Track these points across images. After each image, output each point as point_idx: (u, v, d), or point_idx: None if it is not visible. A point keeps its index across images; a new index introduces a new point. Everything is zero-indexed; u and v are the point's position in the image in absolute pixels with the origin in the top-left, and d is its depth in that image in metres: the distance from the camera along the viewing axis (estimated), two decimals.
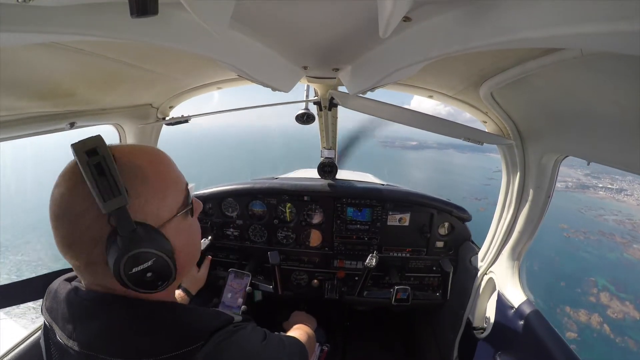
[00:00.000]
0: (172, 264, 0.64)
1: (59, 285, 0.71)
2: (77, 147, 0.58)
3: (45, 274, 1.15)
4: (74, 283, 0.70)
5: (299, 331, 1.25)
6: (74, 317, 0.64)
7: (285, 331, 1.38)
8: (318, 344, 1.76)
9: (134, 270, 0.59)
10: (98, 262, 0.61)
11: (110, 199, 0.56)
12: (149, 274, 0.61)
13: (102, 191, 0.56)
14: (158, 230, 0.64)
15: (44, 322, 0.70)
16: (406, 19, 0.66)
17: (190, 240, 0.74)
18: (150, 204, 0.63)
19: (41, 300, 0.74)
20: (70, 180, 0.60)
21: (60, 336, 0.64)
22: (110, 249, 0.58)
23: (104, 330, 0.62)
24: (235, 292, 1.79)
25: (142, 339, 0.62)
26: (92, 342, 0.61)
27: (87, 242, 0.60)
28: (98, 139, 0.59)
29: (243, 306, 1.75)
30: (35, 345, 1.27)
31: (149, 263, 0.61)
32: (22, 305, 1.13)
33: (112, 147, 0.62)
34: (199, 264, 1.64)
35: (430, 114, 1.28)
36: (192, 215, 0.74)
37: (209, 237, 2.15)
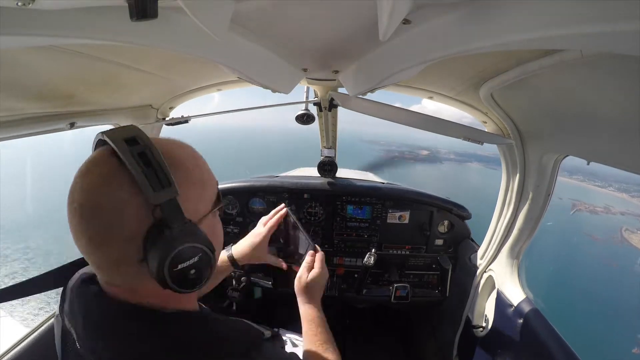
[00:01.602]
0: (214, 261, 0.61)
1: (78, 288, 0.66)
2: (112, 135, 0.54)
3: (59, 267, 1.14)
4: (93, 288, 0.64)
5: (325, 346, 1.05)
6: (96, 331, 0.60)
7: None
8: None
9: (179, 267, 0.55)
10: (130, 260, 0.56)
11: (159, 190, 0.52)
12: (192, 271, 0.57)
13: (151, 181, 0.52)
14: (197, 225, 0.60)
15: (63, 324, 0.66)
16: (405, 21, 0.66)
17: (219, 239, 0.72)
18: (190, 198, 0.60)
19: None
20: (105, 168, 0.54)
21: (81, 346, 0.61)
22: (154, 244, 0.54)
23: (125, 351, 0.58)
24: (297, 234, 1.46)
25: (173, 355, 0.58)
26: (117, 356, 0.58)
27: (124, 237, 0.54)
28: (135, 128, 0.57)
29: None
30: (36, 343, 1.27)
31: (195, 259, 0.57)
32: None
33: (149, 138, 0.58)
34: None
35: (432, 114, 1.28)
36: (221, 213, 0.72)
37: None
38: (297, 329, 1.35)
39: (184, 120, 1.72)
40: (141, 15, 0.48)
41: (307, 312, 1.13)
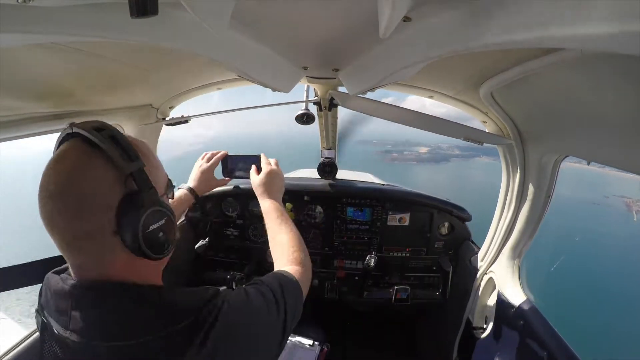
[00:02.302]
0: (176, 227, 0.69)
1: (49, 280, 0.70)
2: (83, 125, 0.63)
3: (45, 259, 1.14)
4: (62, 275, 0.69)
5: (289, 251, 1.08)
6: (68, 308, 0.64)
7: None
8: (318, 343, 1.76)
9: (150, 228, 0.64)
10: (105, 231, 0.62)
11: (129, 162, 0.62)
12: (160, 234, 0.66)
13: (124, 156, 0.62)
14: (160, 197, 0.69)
15: (42, 319, 0.70)
16: (406, 19, 0.66)
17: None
18: (151, 174, 0.68)
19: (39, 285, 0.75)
20: (79, 152, 0.62)
21: (57, 329, 0.65)
22: (128, 211, 0.62)
23: (97, 318, 0.63)
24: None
25: (133, 321, 0.63)
26: (87, 330, 0.62)
27: (99, 208, 0.61)
28: (98, 121, 0.66)
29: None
30: (35, 344, 1.27)
31: (162, 222, 0.66)
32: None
33: None
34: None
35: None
36: (172, 197, 0.81)
37: (207, 239, 2.14)
38: (296, 331, 1.35)
39: (184, 120, 1.72)
40: (141, 12, 0.48)
41: (264, 205, 1.28)
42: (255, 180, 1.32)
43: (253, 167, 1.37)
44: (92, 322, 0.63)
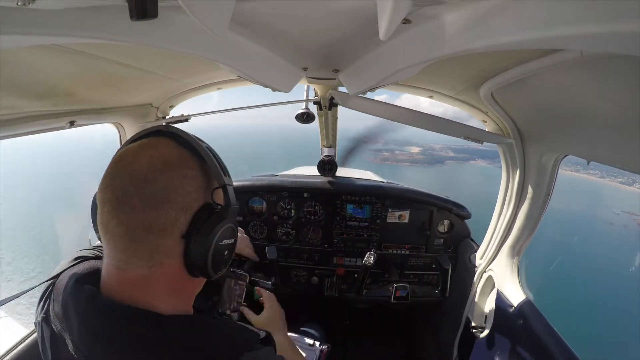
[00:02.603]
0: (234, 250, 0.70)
1: (71, 291, 0.63)
2: (178, 131, 0.64)
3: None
4: (88, 288, 0.62)
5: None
6: (92, 335, 0.58)
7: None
8: (318, 343, 1.76)
9: (224, 242, 0.63)
10: (175, 231, 0.59)
11: (224, 176, 0.64)
12: (226, 252, 0.65)
13: (218, 167, 0.63)
14: None
15: (52, 328, 0.63)
16: (406, 21, 0.66)
17: None
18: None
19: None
20: (173, 148, 0.61)
21: (74, 350, 0.59)
22: (207, 218, 0.60)
23: (123, 355, 0.57)
24: (233, 293, 1.78)
25: None
26: None
27: (182, 207, 0.59)
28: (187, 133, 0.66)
29: (243, 303, 1.74)
30: (35, 344, 1.28)
31: (232, 240, 0.67)
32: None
33: None
34: None
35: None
36: None
37: None
38: (296, 330, 1.37)
39: (184, 119, 1.72)
40: (141, 15, 0.48)
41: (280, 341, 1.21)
42: (257, 320, 1.33)
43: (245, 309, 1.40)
44: (120, 356, 0.57)
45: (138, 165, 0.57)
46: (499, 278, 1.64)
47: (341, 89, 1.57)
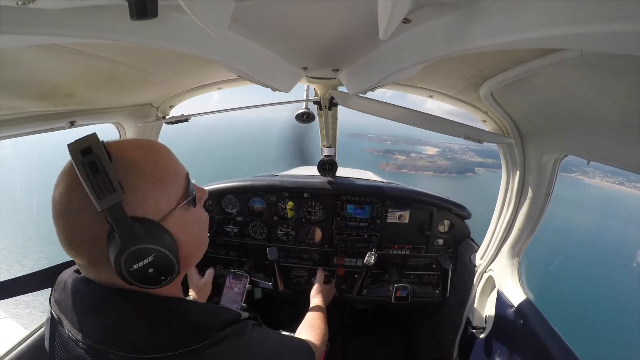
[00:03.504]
0: (174, 258, 0.62)
1: (69, 277, 0.69)
2: (72, 146, 0.57)
3: (54, 265, 1.15)
4: (82, 275, 0.68)
5: (313, 333, 1.24)
6: (84, 310, 0.64)
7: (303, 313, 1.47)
8: None
9: (134, 267, 0.58)
10: (101, 260, 0.60)
11: (105, 196, 0.55)
12: (150, 270, 0.60)
13: (97, 189, 0.55)
14: (159, 224, 0.63)
15: (51, 313, 0.69)
16: (406, 20, 0.66)
17: (195, 230, 0.73)
18: (149, 197, 0.62)
19: (49, 290, 0.73)
20: (67, 179, 0.60)
21: (68, 329, 0.64)
22: (110, 246, 0.58)
23: (112, 326, 0.62)
24: (234, 294, 1.80)
25: (149, 336, 0.61)
26: (101, 336, 0.61)
27: (89, 240, 0.60)
28: (92, 137, 0.58)
29: (243, 304, 1.76)
30: (36, 344, 1.28)
31: (150, 259, 0.60)
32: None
33: (108, 144, 0.62)
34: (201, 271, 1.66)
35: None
36: (194, 205, 0.73)
37: (207, 235, 2.15)
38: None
39: (184, 119, 1.72)
40: (141, 15, 0.48)
41: (314, 301, 1.59)
42: (316, 287, 1.74)
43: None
44: (109, 329, 0.62)
45: (53, 211, 0.60)
46: (499, 278, 1.64)
47: (341, 88, 1.57)
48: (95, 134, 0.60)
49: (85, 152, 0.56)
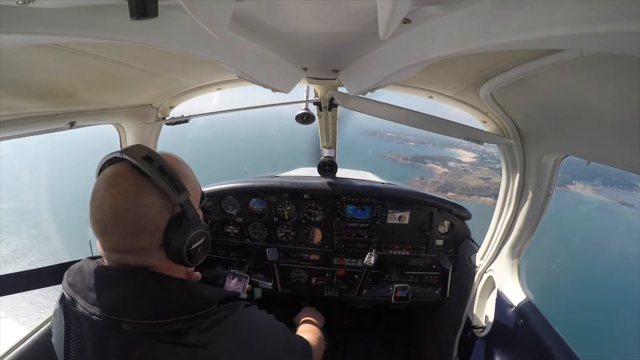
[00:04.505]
0: (210, 240, 0.83)
1: (84, 263, 0.79)
2: (131, 154, 0.70)
3: (62, 263, 1.17)
4: (99, 260, 0.79)
5: (308, 334, 1.25)
6: (100, 286, 0.72)
7: (295, 326, 1.44)
8: None
9: (193, 246, 0.76)
10: (153, 245, 0.72)
11: (178, 193, 0.72)
12: (199, 250, 0.79)
13: (173, 188, 0.71)
14: (198, 216, 0.79)
15: (65, 296, 0.76)
16: (406, 20, 0.66)
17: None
18: (191, 198, 0.77)
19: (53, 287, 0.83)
20: (132, 179, 0.70)
21: (83, 305, 0.71)
22: (175, 232, 0.72)
23: (127, 296, 0.70)
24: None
25: (161, 304, 0.71)
26: (115, 306, 0.69)
27: (151, 228, 0.71)
28: (145, 147, 0.74)
29: (245, 294, 1.76)
30: (36, 344, 1.27)
31: (202, 240, 0.79)
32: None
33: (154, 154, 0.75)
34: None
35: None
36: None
37: None
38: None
39: (183, 120, 1.72)
40: (142, 14, 0.48)
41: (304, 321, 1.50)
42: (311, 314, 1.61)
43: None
44: (122, 299, 0.70)
45: (107, 207, 0.68)
46: (499, 278, 1.64)
47: (341, 89, 1.57)
48: (142, 145, 0.76)
49: (147, 159, 0.71)
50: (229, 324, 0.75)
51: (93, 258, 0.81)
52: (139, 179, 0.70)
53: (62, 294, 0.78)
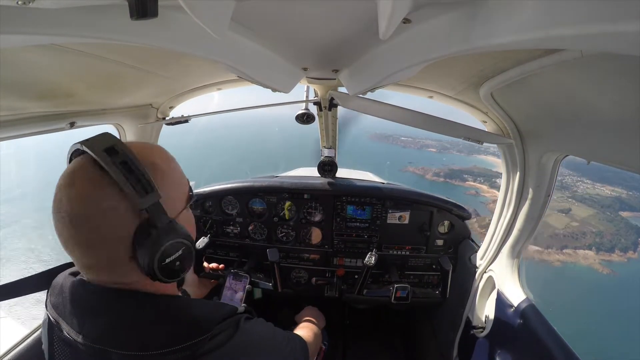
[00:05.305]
0: (194, 252, 0.68)
1: (64, 280, 0.69)
2: (91, 145, 0.57)
3: (50, 269, 1.16)
4: (79, 277, 0.68)
5: (305, 330, 1.25)
6: (83, 312, 0.64)
7: (296, 324, 1.42)
8: None
9: (167, 260, 0.62)
10: (120, 259, 0.61)
11: (144, 195, 0.57)
12: (177, 263, 0.64)
13: (138, 189, 0.57)
14: (177, 221, 0.66)
15: (48, 317, 0.68)
16: (406, 20, 0.66)
17: (192, 228, 0.77)
18: (170, 197, 0.65)
19: (45, 292, 0.74)
20: (89, 177, 0.58)
21: (67, 331, 0.64)
22: (142, 243, 0.59)
23: (113, 325, 0.62)
24: (234, 293, 1.80)
25: (149, 333, 0.62)
26: (101, 336, 0.61)
27: (113, 239, 0.59)
28: (111, 136, 0.60)
29: (243, 304, 1.76)
30: (35, 344, 1.27)
31: (179, 252, 0.64)
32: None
33: (124, 145, 0.62)
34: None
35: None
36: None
37: (207, 237, 2.15)
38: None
39: (183, 120, 1.72)
40: (141, 14, 0.48)
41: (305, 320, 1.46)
42: (312, 313, 1.57)
43: None
44: (108, 329, 0.62)
45: (64, 212, 0.57)
46: (499, 278, 1.64)
47: (341, 89, 1.57)
48: (110, 133, 0.61)
49: (110, 151, 0.57)
50: (229, 350, 0.67)
51: (73, 274, 0.71)
52: (97, 177, 0.57)
53: (47, 316, 0.69)
